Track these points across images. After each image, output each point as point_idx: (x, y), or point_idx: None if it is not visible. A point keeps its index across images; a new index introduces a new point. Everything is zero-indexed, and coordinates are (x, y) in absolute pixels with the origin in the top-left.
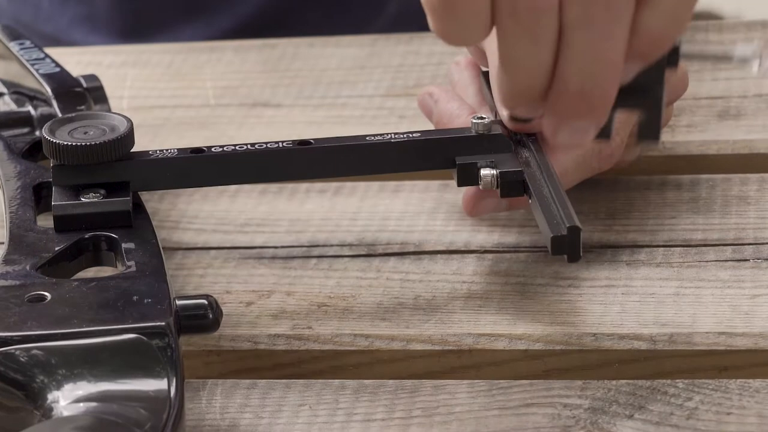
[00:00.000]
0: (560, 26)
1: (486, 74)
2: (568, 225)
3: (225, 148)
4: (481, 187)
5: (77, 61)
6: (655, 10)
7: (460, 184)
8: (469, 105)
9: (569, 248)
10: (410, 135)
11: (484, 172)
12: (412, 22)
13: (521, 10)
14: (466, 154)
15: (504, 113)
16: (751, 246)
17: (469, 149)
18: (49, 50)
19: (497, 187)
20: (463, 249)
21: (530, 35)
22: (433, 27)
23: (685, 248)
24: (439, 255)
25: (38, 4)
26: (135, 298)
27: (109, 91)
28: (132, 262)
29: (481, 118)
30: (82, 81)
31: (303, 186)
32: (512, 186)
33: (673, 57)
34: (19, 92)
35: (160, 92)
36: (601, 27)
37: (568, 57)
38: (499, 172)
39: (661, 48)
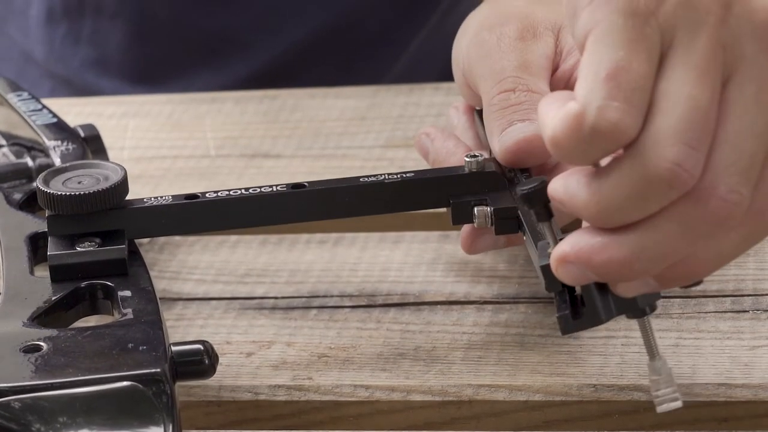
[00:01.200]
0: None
1: (480, 112)
2: None
3: (219, 194)
4: (475, 225)
5: (78, 111)
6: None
7: (454, 222)
8: (465, 144)
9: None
10: (404, 175)
11: (478, 209)
12: (422, 79)
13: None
14: (459, 192)
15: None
16: (750, 297)
17: (462, 187)
18: (49, 102)
19: (492, 225)
20: (463, 300)
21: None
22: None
23: (685, 299)
24: (439, 306)
25: (51, 42)
26: (130, 345)
27: (110, 141)
28: (128, 310)
29: (474, 156)
30: (80, 131)
31: (303, 236)
32: (506, 223)
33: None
34: (17, 143)
35: (161, 143)
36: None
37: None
38: (493, 210)
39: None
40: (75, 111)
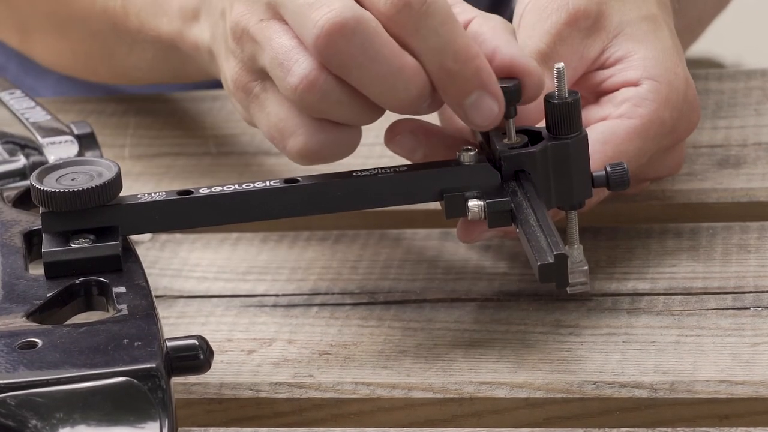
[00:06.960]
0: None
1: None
2: (555, 253)
3: (212, 190)
4: (469, 218)
5: (80, 109)
6: None
7: (448, 216)
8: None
9: (557, 276)
10: (397, 169)
11: (471, 203)
12: None
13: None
14: (453, 186)
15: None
16: (751, 294)
17: (456, 181)
18: (51, 100)
19: (485, 218)
20: (464, 297)
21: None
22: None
23: (686, 296)
24: (440, 303)
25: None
26: (125, 341)
27: (111, 139)
28: (123, 306)
29: (468, 149)
30: (73, 128)
31: (304, 234)
32: (499, 216)
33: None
34: (10, 141)
35: (163, 141)
36: None
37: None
38: (486, 203)
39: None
40: (77, 109)
